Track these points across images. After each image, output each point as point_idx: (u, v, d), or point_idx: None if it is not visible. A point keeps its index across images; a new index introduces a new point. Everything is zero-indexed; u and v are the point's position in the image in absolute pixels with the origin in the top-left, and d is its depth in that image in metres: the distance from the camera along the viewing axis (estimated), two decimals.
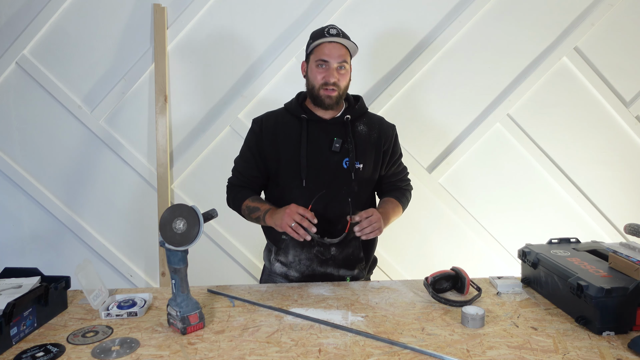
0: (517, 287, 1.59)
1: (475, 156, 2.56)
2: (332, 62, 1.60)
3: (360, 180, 1.68)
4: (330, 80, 1.60)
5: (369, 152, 1.70)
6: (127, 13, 2.42)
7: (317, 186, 1.64)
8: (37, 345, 1.24)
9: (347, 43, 1.63)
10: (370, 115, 1.77)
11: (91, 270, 1.47)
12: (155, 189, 2.52)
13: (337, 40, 1.61)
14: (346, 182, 1.66)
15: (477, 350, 1.20)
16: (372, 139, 1.71)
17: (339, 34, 1.62)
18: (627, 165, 2.61)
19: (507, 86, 2.52)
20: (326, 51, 1.60)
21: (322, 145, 1.66)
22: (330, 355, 1.19)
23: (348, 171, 1.65)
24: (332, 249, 1.69)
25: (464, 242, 2.62)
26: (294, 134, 1.67)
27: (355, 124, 1.70)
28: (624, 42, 2.50)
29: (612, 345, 1.22)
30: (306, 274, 1.72)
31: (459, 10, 2.45)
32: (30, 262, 2.46)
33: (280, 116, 1.73)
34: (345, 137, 1.66)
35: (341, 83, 1.63)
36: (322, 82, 1.61)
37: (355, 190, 1.67)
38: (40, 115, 2.48)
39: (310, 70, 1.65)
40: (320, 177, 1.65)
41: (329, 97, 1.62)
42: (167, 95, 2.47)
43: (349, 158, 1.66)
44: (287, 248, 1.72)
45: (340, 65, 1.61)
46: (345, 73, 1.64)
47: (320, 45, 1.62)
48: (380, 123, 1.76)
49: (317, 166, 1.65)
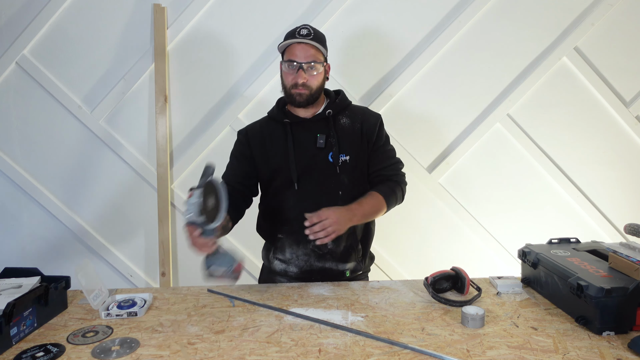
0: (517, 287, 1.59)
1: (475, 156, 2.56)
2: (301, 62, 1.60)
3: (349, 172, 1.68)
4: (299, 81, 1.60)
5: (355, 144, 1.69)
6: (127, 13, 2.43)
7: (309, 186, 1.66)
8: (37, 345, 1.24)
9: (317, 45, 1.61)
10: (353, 108, 1.77)
11: (91, 270, 1.47)
12: (155, 189, 2.52)
13: (306, 41, 1.60)
14: (334, 176, 1.67)
15: (477, 350, 1.20)
16: (355, 130, 1.70)
17: (309, 34, 1.62)
18: (627, 165, 2.60)
19: (507, 86, 2.52)
20: (296, 52, 1.60)
21: (308, 145, 1.67)
22: (330, 355, 1.19)
23: (334, 165, 1.66)
24: (328, 243, 1.69)
25: (464, 242, 2.62)
26: (281, 140, 1.68)
27: (338, 117, 1.71)
28: (624, 42, 2.50)
29: (612, 345, 1.22)
30: (305, 269, 1.73)
31: (459, 11, 2.45)
32: (30, 262, 2.46)
33: (265, 124, 1.74)
34: (329, 132, 1.67)
35: (311, 83, 1.62)
36: (292, 83, 1.62)
37: (346, 183, 1.68)
38: (40, 115, 2.48)
39: (282, 70, 1.66)
40: (310, 176, 1.67)
41: (299, 94, 1.62)
42: (167, 95, 2.47)
43: (333, 152, 1.66)
44: (284, 246, 1.74)
45: (311, 65, 1.61)
46: (318, 74, 1.63)
47: (290, 45, 1.63)
48: (363, 113, 1.75)
49: (306, 166, 1.67)
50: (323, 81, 1.68)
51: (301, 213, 1.62)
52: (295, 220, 1.69)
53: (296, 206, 1.68)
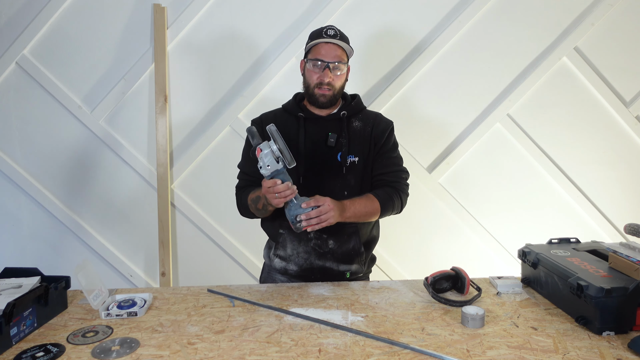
0: (517, 287, 1.59)
1: (475, 156, 2.56)
2: (327, 62, 1.63)
3: (356, 174, 1.70)
4: (324, 79, 1.64)
5: (364, 147, 1.72)
6: (127, 13, 2.43)
7: (314, 182, 1.67)
8: (37, 345, 1.24)
9: (344, 45, 1.66)
10: (368, 112, 1.79)
11: (91, 270, 1.47)
12: (155, 189, 2.52)
13: (334, 42, 1.64)
14: (340, 176, 1.69)
15: (477, 350, 1.20)
16: (366, 133, 1.73)
17: (336, 35, 1.65)
18: (627, 165, 2.60)
19: (507, 86, 2.52)
20: (322, 51, 1.64)
21: (319, 142, 1.70)
22: (330, 355, 1.19)
23: (341, 165, 1.68)
24: (329, 242, 1.70)
25: (464, 242, 2.62)
26: (292, 133, 1.70)
27: (351, 119, 1.74)
28: (624, 42, 2.50)
29: (612, 345, 1.22)
30: (305, 268, 1.73)
31: (459, 10, 2.45)
32: (30, 262, 2.46)
33: (279, 115, 1.76)
34: (341, 132, 1.69)
35: (336, 83, 1.66)
36: (317, 82, 1.65)
37: (352, 184, 1.70)
38: (40, 115, 2.48)
39: (307, 69, 1.69)
40: (317, 172, 1.69)
41: (323, 95, 1.66)
42: (167, 95, 2.47)
43: (342, 152, 1.68)
44: (285, 242, 1.74)
45: (336, 65, 1.64)
46: (341, 74, 1.67)
47: (317, 45, 1.66)
48: (375, 118, 1.78)
49: (313, 162, 1.69)
50: (344, 83, 1.72)
51: None
52: None
53: None
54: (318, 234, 1.69)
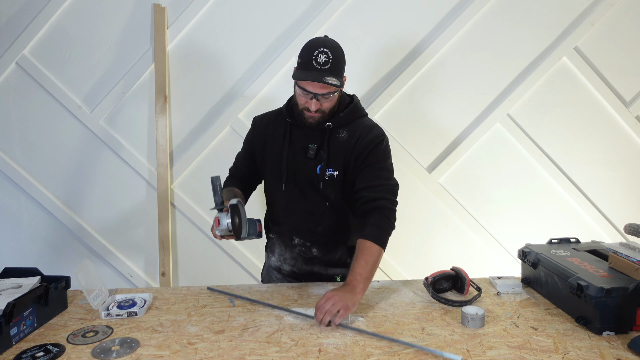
0: (517, 287, 1.59)
1: (475, 156, 2.56)
2: (315, 93, 1.50)
3: (335, 188, 1.61)
4: (311, 107, 1.52)
5: (345, 160, 1.60)
6: (127, 13, 2.42)
7: (294, 191, 1.64)
8: (37, 345, 1.24)
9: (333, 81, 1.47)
10: (359, 123, 1.63)
11: (91, 270, 1.47)
12: (155, 189, 2.52)
13: (320, 83, 1.47)
14: (318, 189, 1.61)
15: (477, 350, 1.20)
16: (349, 146, 1.59)
17: (327, 61, 1.47)
18: (627, 165, 2.60)
19: (507, 86, 2.52)
20: (309, 88, 1.49)
21: (301, 151, 1.62)
22: (330, 355, 1.19)
23: (319, 178, 1.60)
24: (313, 250, 1.68)
25: (464, 242, 2.62)
26: (280, 137, 1.66)
27: (338, 130, 1.61)
28: (624, 42, 2.50)
29: (612, 345, 1.22)
30: (294, 271, 1.74)
31: (459, 11, 2.44)
32: (30, 262, 2.46)
33: (274, 117, 1.73)
34: (322, 145, 1.60)
35: (325, 107, 1.55)
36: (304, 106, 1.55)
37: (332, 198, 1.62)
38: (40, 115, 2.48)
39: (295, 90, 1.57)
40: (296, 181, 1.64)
41: (312, 117, 1.55)
42: (167, 95, 2.47)
43: (321, 166, 1.60)
44: (274, 246, 1.76)
45: (324, 95, 1.51)
46: (332, 97, 1.54)
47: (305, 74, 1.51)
48: (363, 130, 1.61)
49: (295, 171, 1.63)
50: (338, 100, 1.60)
51: (289, 217, 1.66)
52: (284, 223, 1.71)
53: (285, 209, 1.68)
54: (302, 241, 1.68)
